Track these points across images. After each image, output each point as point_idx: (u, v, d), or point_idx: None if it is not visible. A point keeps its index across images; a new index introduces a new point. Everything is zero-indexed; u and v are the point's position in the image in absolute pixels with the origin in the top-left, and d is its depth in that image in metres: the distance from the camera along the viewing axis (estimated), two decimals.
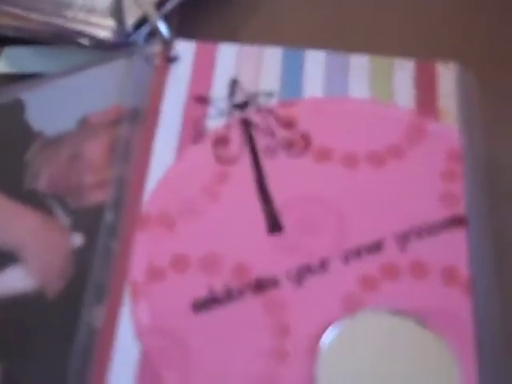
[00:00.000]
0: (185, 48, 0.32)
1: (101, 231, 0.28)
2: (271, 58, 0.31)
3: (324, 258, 0.27)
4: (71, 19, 0.34)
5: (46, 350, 0.26)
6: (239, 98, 0.31)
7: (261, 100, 0.31)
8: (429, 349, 0.25)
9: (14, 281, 0.28)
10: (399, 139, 0.29)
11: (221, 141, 0.30)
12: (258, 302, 0.26)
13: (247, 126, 0.30)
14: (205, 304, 0.26)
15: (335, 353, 0.25)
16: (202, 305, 0.26)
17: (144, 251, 0.27)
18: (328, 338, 0.25)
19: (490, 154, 0.31)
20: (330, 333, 0.25)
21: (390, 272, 0.27)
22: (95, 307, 0.26)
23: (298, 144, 0.29)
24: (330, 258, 0.27)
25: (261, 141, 0.30)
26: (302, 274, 0.27)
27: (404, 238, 0.27)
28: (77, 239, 0.28)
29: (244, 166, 0.29)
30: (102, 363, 0.25)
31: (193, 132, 0.30)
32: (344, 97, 0.31)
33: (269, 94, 0.31)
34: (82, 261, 0.28)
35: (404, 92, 0.30)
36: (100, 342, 0.25)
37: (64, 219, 0.29)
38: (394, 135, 0.30)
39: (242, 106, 0.30)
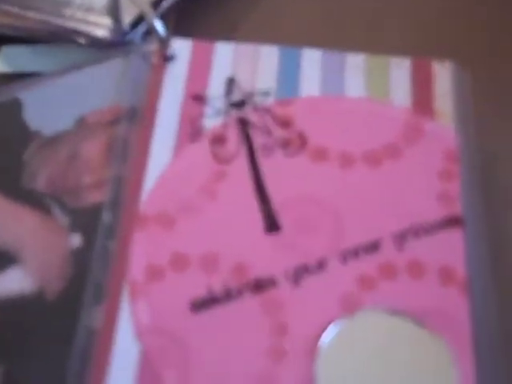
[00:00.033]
0: (181, 46, 0.32)
1: (99, 231, 0.28)
2: (268, 57, 0.31)
3: (322, 258, 0.27)
4: (68, 18, 0.34)
5: (46, 351, 0.26)
6: (236, 97, 0.31)
7: (257, 99, 0.31)
8: (427, 348, 0.25)
9: (13, 282, 0.28)
10: (396, 138, 0.29)
11: (218, 139, 0.30)
12: (257, 302, 0.26)
13: (244, 125, 0.30)
14: (204, 304, 0.26)
15: (334, 352, 0.25)
16: (201, 304, 0.26)
17: (142, 251, 0.27)
18: (327, 338, 0.25)
19: (487, 151, 0.31)
20: (329, 332, 0.26)
21: (388, 272, 0.27)
22: (94, 307, 0.26)
23: (295, 143, 0.30)
24: (328, 258, 0.27)
25: (258, 139, 0.30)
26: (300, 274, 0.27)
27: (401, 238, 0.27)
28: (75, 239, 0.28)
29: (241, 165, 0.29)
30: (102, 363, 0.25)
31: (190, 131, 0.30)
32: (340, 95, 0.31)
33: (265, 93, 0.31)
34: (81, 261, 0.28)
35: (400, 91, 0.31)
36: (99, 343, 0.25)
37: (62, 219, 0.29)
38: (391, 134, 0.30)
39: (239, 105, 0.30)
